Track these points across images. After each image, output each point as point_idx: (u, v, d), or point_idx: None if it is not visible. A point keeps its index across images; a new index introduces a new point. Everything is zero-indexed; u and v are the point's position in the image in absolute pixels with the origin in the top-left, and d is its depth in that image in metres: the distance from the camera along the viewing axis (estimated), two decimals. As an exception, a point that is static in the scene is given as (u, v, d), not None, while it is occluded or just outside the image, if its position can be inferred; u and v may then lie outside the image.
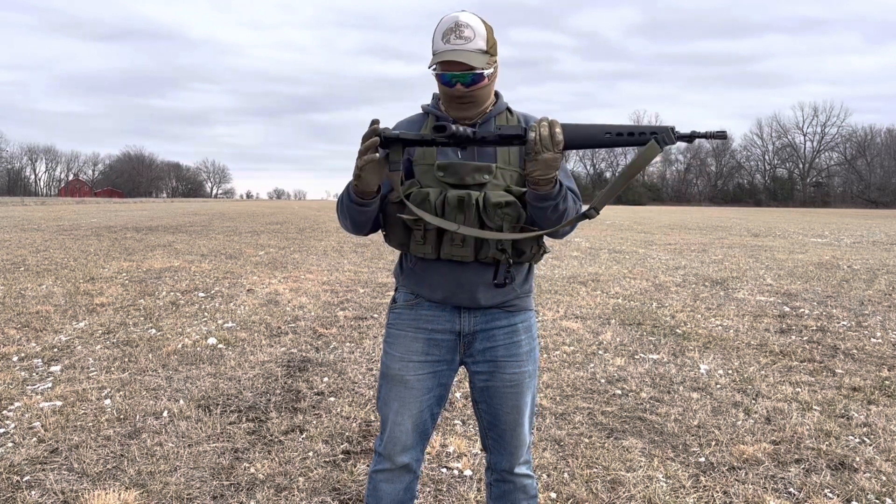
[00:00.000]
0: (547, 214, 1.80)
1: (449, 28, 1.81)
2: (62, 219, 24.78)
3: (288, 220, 27.10)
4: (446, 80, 1.82)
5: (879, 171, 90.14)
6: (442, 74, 1.82)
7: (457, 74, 1.81)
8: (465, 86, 1.83)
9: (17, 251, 12.23)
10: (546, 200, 1.77)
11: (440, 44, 1.81)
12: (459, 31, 1.80)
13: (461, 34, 1.80)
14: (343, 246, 14.66)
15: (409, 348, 1.95)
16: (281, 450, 3.35)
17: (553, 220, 1.82)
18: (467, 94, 1.84)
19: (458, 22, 1.81)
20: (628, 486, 3.00)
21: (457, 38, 1.79)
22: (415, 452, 2.01)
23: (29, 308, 6.73)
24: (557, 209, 1.80)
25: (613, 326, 6.38)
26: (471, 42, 1.80)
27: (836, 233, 22.10)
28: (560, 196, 1.78)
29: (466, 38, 1.79)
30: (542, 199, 1.77)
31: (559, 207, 1.80)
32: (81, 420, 3.69)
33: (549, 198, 1.77)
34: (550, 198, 1.77)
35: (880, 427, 3.75)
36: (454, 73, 1.81)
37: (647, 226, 26.06)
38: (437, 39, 1.82)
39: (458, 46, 1.79)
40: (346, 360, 5.03)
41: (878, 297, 8.30)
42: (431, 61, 1.84)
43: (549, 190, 1.76)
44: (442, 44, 1.81)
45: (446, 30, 1.81)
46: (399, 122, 2.03)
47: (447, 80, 1.82)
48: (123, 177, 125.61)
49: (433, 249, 1.85)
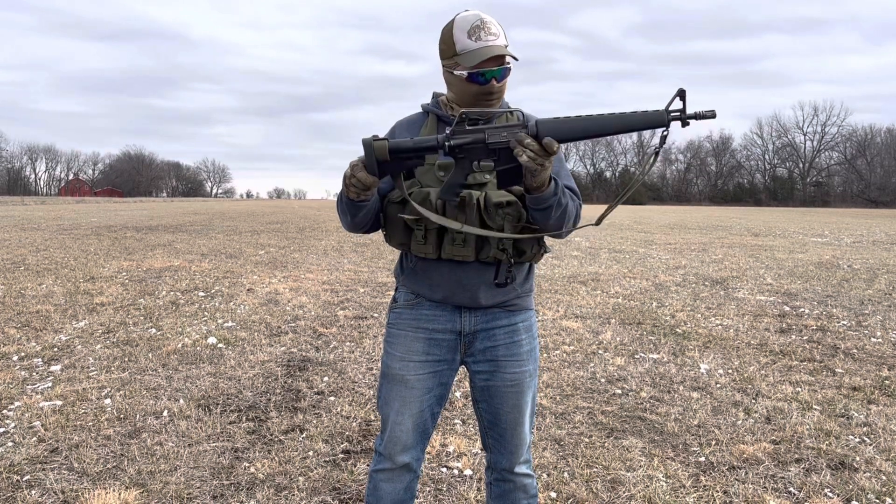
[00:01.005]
0: (549, 216, 1.79)
1: (475, 26, 1.79)
2: (62, 218, 24.78)
3: (288, 220, 27.09)
4: (483, 77, 1.80)
5: (879, 170, 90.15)
6: (477, 73, 1.79)
7: (494, 70, 1.79)
8: (498, 81, 1.82)
9: (17, 250, 12.23)
10: (544, 202, 1.76)
11: (469, 42, 1.79)
12: (487, 28, 1.79)
13: (489, 31, 1.79)
14: (343, 245, 14.66)
15: (409, 348, 1.95)
16: (281, 449, 3.35)
17: (555, 220, 1.80)
18: (498, 88, 1.84)
19: (483, 20, 1.80)
20: (628, 486, 3.00)
21: (487, 34, 1.78)
22: (415, 452, 2.01)
23: (29, 307, 6.73)
24: (558, 209, 1.79)
25: (613, 326, 6.38)
26: (499, 38, 1.80)
27: (837, 232, 22.10)
28: (558, 195, 1.77)
29: (495, 34, 1.79)
30: (540, 201, 1.76)
31: (560, 203, 1.78)
32: (81, 420, 3.69)
33: (547, 198, 1.75)
34: (548, 198, 1.75)
35: (880, 427, 3.75)
36: (491, 70, 1.79)
37: (647, 225, 26.05)
38: (463, 39, 1.79)
39: (492, 42, 1.78)
40: (346, 360, 5.03)
41: (878, 296, 8.30)
42: (461, 61, 1.80)
43: (545, 191, 1.74)
44: (472, 42, 1.78)
45: (472, 28, 1.79)
46: (398, 121, 2.02)
47: (484, 78, 1.80)
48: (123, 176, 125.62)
49: (434, 249, 1.85)
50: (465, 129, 1.73)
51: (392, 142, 1.73)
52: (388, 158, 1.72)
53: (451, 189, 1.76)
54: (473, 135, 1.72)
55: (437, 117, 1.96)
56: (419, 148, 1.73)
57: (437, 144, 1.73)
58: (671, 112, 1.66)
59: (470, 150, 1.73)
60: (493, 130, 1.72)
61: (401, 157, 1.74)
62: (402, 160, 1.75)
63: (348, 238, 16.52)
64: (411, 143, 1.74)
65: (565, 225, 1.84)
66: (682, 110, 1.64)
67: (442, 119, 1.95)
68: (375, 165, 1.72)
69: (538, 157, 1.65)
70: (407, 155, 1.74)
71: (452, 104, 1.93)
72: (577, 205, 1.88)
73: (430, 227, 1.83)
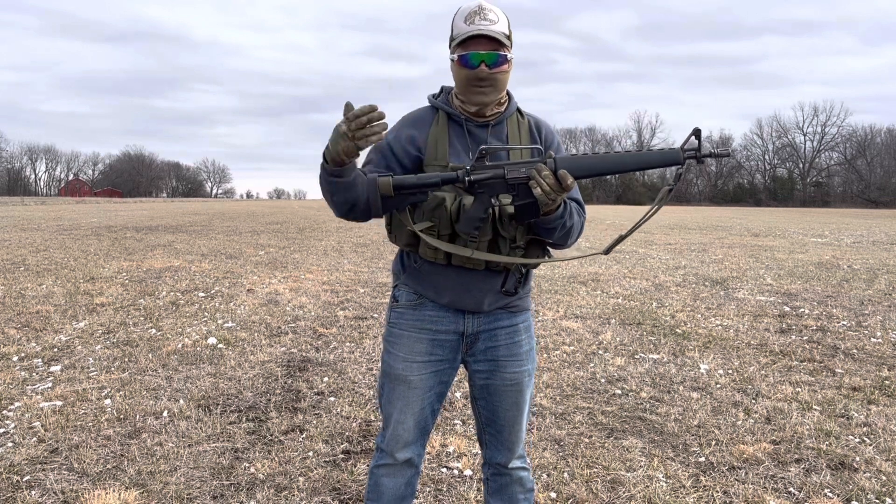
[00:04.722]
0: (555, 233, 1.84)
1: (472, 11, 1.79)
2: (62, 218, 24.78)
3: (288, 220, 27.09)
4: (470, 60, 1.78)
5: (879, 170, 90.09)
6: (466, 55, 1.78)
7: (482, 54, 1.77)
8: (489, 66, 1.78)
9: (17, 251, 12.23)
10: (551, 223, 1.81)
11: (463, 26, 1.78)
12: (484, 14, 1.78)
13: (486, 16, 1.78)
14: (343, 246, 14.66)
15: (412, 349, 1.94)
16: (281, 450, 3.35)
17: (559, 237, 1.86)
18: (490, 76, 1.80)
19: (482, 5, 1.80)
20: (628, 486, 3.00)
21: (482, 19, 1.78)
22: (416, 448, 2.03)
23: (29, 308, 6.73)
24: (564, 227, 1.84)
25: (613, 326, 6.38)
26: (495, 24, 1.78)
27: (837, 232, 22.10)
28: (564, 218, 1.82)
29: (491, 20, 1.78)
30: (547, 222, 1.80)
31: (566, 225, 1.84)
32: (81, 420, 3.69)
33: (554, 220, 1.80)
34: (555, 220, 1.80)
35: (880, 427, 3.75)
36: (479, 53, 1.77)
37: (646, 225, 26.04)
38: (459, 24, 1.79)
39: (485, 27, 1.78)
40: (346, 360, 5.03)
41: (878, 296, 8.30)
42: (452, 46, 1.81)
43: (554, 212, 1.78)
44: (465, 26, 1.78)
45: (469, 13, 1.79)
46: (404, 116, 1.98)
47: (471, 61, 1.78)
48: (123, 176, 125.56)
49: (444, 255, 1.85)
50: (486, 164, 1.73)
51: (396, 179, 1.72)
52: (392, 194, 1.72)
53: (471, 223, 1.75)
54: (493, 170, 1.73)
55: (448, 116, 1.92)
56: (424, 185, 1.73)
57: (457, 179, 1.73)
58: (686, 150, 1.69)
59: (489, 186, 1.73)
60: (512, 166, 1.73)
61: (404, 193, 1.74)
62: (406, 196, 1.75)
63: (348, 238, 16.52)
64: (415, 179, 1.73)
65: (569, 240, 1.89)
66: (697, 149, 1.68)
67: (453, 118, 1.91)
68: (380, 202, 1.73)
69: (553, 191, 1.68)
70: (411, 191, 1.73)
71: (457, 96, 1.90)
72: (581, 220, 1.93)
73: (441, 233, 1.82)
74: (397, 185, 1.71)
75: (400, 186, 1.72)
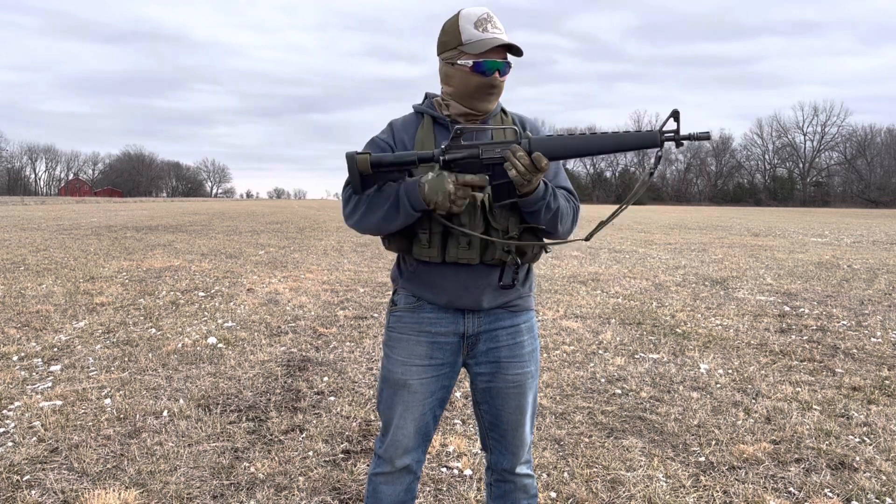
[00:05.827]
0: (540, 216, 1.81)
1: (482, 18, 1.78)
2: (62, 218, 24.77)
3: (288, 220, 27.09)
4: (486, 67, 1.78)
5: (879, 170, 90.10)
6: (482, 62, 1.77)
7: (498, 62, 1.78)
8: (501, 74, 1.80)
9: (17, 250, 12.23)
10: (532, 205, 1.78)
11: (476, 32, 1.77)
12: (494, 22, 1.79)
13: (496, 24, 1.79)
14: (343, 245, 14.66)
15: (412, 352, 1.92)
16: (281, 449, 3.34)
17: (547, 221, 1.82)
18: (499, 83, 1.82)
19: (489, 13, 1.80)
20: (628, 486, 3.00)
21: (493, 27, 1.78)
22: (416, 454, 2.00)
23: (29, 307, 6.73)
24: (549, 209, 1.80)
25: (613, 326, 6.38)
26: (503, 34, 1.80)
27: (836, 232, 22.10)
28: (547, 199, 1.79)
29: (500, 29, 1.80)
30: (528, 204, 1.78)
31: (550, 207, 1.80)
32: (81, 419, 3.69)
33: (535, 202, 1.77)
34: (536, 201, 1.77)
35: (880, 427, 3.75)
36: (496, 61, 1.78)
37: (647, 225, 26.04)
38: (469, 29, 1.78)
39: (498, 34, 1.78)
40: (346, 360, 5.02)
41: (878, 296, 8.30)
42: (466, 50, 1.79)
43: (532, 196, 1.76)
44: (479, 32, 1.77)
45: (478, 19, 1.78)
46: (393, 121, 1.99)
47: (487, 68, 1.78)
48: (123, 176, 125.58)
49: (439, 253, 1.83)
50: (461, 143, 1.74)
51: (374, 156, 1.74)
52: (371, 171, 1.74)
53: None
54: (468, 150, 1.74)
55: (433, 119, 1.93)
56: (401, 162, 1.75)
57: (432, 158, 1.74)
58: (665, 133, 1.67)
59: (465, 165, 1.74)
60: (487, 146, 1.73)
61: (383, 171, 1.76)
62: (384, 174, 1.77)
63: (348, 238, 16.52)
64: (392, 157, 1.76)
65: (561, 225, 1.86)
66: (675, 131, 1.66)
67: (437, 121, 1.92)
68: (359, 179, 1.74)
69: (527, 171, 1.68)
70: (388, 169, 1.75)
71: (448, 102, 1.90)
72: (573, 206, 1.90)
73: (434, 230, 1.82)
74: (375, 163, 1.74)
75: (378, 164, 1.74)
